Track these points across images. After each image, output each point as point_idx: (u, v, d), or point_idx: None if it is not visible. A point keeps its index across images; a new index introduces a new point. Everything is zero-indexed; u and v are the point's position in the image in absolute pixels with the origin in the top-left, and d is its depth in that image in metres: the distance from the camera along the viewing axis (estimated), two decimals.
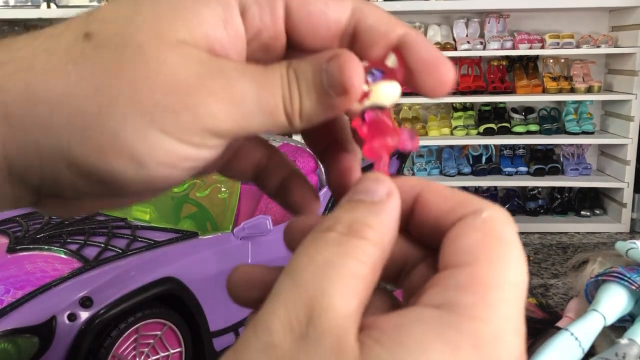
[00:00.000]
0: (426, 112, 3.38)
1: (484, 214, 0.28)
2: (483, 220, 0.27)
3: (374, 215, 0.28)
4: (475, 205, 0.28)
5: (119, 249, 1.63)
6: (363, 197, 0.29)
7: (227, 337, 1.79)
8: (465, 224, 0.28)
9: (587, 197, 3.34)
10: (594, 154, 3.44)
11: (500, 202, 3.33)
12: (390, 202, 0.29)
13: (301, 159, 2.36)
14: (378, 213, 0.28)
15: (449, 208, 0.29)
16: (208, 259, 1.70)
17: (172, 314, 1.59)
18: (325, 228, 0.28)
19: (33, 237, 1.67)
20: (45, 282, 1.42)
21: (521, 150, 3.33)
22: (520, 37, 3.08)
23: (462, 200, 0.29)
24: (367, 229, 0.27)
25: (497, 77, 3.25)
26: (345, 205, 0.29)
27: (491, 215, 0.28)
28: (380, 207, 0.28)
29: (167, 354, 1.58)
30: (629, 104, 3.05)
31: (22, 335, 1.31)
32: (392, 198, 0.29)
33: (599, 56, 3.27)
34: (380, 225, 0.28)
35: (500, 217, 0.28)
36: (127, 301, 1.46)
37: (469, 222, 0.28)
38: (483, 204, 0.28)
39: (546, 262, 2.73)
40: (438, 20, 3.27)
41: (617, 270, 1.83)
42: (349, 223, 0.27)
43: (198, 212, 1.88)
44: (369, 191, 0.29)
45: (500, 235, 0.27)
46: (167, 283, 1.56)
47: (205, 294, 1.67)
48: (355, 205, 0.29)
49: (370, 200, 0.29)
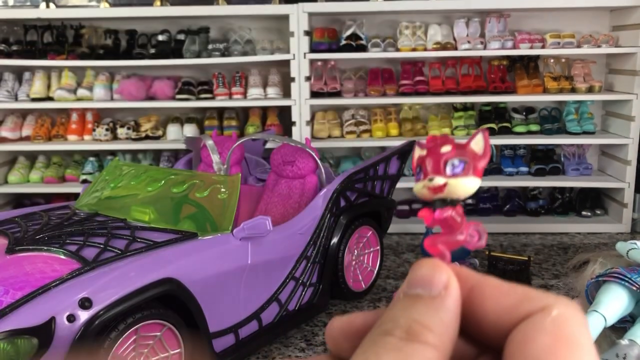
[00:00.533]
0: (427, 112, 3.38)
1: (553, 312, 0.26)
2: (552, 320, 0.25)
3: (432, 314, 0.27)
4: (541, 301, 0.26)
5: (119, 250, 1.62)
6: (420, 291, 0.28)
7: (226, 337, 1.79)
8: (532, 325, 0.26)
9: (588, 198, 3.33)
10: (594, 154, 3.43)
11: (501, 202, 3.33)
12: (449, 297, 0.27)
13: (301, 159, 2.36)
14: (437, 310, 0.27)
15: (511, 304, 0.27)
16: (208, 260, 1.70)
17: (171, 315, 1.58)
18: (383, 331, 0.27)
19: (32, 238, 1.67)
20: (45, 283, 1.42)
21: (522, 150, 3.32)
22: (521, 36, 3.08)
23: (525, 295, 0.27)
24: (427, 332, 0.26)
25: (497, 76, 3.24)
26: (404, 301, 0.28)
27: (561, 315, 0.25)
28: (439, 303, 0.27)
29: (166, 354, 1.58)
30: (629, 103, 3.05)
31: (21, 336, 1.31)
32: (451, 291, 0.28)
33: (599, 56, 3.26)
34: (440, 325, 0.26)
35: (571, 317, 0.26)
36: (127, 302, 1.45)
37: (536, 322, 0.26)
38: (549, 299, 0.26)
39: (547, 262, 2.73)
40: (438, 20, 3.26)
41: (617, 271, 1.83)
42: (408, 326, 0.26)
43: (198, 212, 1.88)
44: (427, 283, 0.28)
45: (572, 339, 0.25)
46: (167, 284, 1.55)
47: (205, 294, 1.67)
48: (414, 303, 0.27)
49: (429, 295, 0.27)
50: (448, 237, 0.30)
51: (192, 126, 3.28)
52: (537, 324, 0.25)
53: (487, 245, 2.95)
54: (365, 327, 0.29)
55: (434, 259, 0.29)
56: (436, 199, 0.30)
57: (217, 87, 3.19)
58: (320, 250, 2.10)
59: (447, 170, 0.30)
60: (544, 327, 0.25)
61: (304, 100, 3.07)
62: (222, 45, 3.14)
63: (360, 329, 0.29)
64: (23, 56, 3.19)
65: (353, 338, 0.29)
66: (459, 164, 0.30)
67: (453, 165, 0.30)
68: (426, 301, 0.27)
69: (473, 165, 0.30)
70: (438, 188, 0.30)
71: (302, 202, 2.22)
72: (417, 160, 0.31)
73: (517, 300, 0.27)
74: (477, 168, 0.30)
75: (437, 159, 0.30)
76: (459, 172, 0.30)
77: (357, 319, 0.30)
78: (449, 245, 0.30)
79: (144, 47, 3.26)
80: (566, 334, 0.25)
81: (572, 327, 0.25)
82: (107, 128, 3.23)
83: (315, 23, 3.27)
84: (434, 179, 0.30)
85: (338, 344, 0.30)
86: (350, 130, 3.19)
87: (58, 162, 3.37)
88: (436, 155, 0.30)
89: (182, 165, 2.64)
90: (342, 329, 0.30)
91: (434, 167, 0.30)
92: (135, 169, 2.10)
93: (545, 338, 0.25)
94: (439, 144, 0.30)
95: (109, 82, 3.27)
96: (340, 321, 0.30)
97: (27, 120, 3.35)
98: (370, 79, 3.24)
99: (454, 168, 0.30)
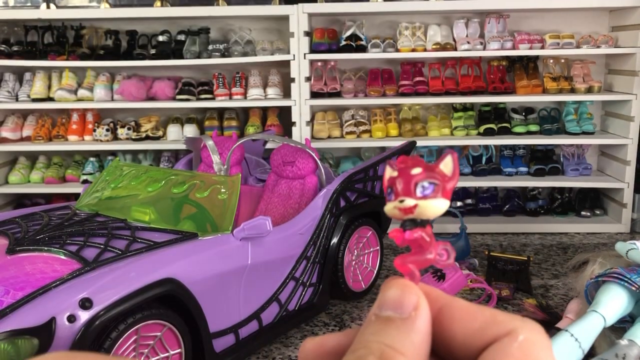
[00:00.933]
0: (426, 112, 3.38)
1: (519, 337, 0.26)
2: (519, 345, 0.26)
3: (404, 337, 0.27)
4: (508, 324, 0.27)
5: (119, 250, 1.63)
6: (391, 313, 0.28)
7: (227, 337, 1.79)
8: (499, 350, 0.26)
9: (588, 198, 3.34)
10: (594, 154, 3.44)
11: (501, 202, 3.33)
12: (419, 319, 0.28)
13: (301, 159, 2.36)
14: (408, 333, 0.27)
15: (478, 327, 0.27)
16: (208, 260, 1.70)
17: (171, 315, 1.59)
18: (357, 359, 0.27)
19: (33, 238, 1.67)
20: (45, 284, 1.42)
21: (521, 150, 3.33)
22: (521, 37, 3.08)
23: (492, 319, 0.27)
24: (399, 356, 0.26)
25: (497, 77, 3.25)
26: (375, 325, 0.28)
27: (527, 339, 0.26)
28: (410, 325, 0.28)
29: (166, 355, 1.58)
30: (629, 104, 3.05)
31: (22, 336, 1.31)
32: (420, 312, 0.28)
33: (599, 56, 3.27)
34: (411, 347, 0.27)
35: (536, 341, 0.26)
36: (127, 302, 1.46)
37: (503, 347, 0.26)
38: (516, 323, 0.27)
39: (546, 262, 2.73)
40: (438, 20, 3.27)
41: (617, 271, 1.84)
42: (380, 351, 0.27)
43: (198, 213, 1.88)
44: (397, 305, 0.28)
45: None
46: (167, 284, 1.56)
47: (205, 295, 1.67)
48: (385, 326, 0.28)
49: (400, 317, 0.28)
50: (418, 257, 0.31)
51: (193, 126, 3.28)
52: (504, 348, 0.26)
53: (487, 245, 2.95)
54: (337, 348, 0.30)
55: (404, 280, 0.30)
56: (406, 219, 0.31)
57: (217, 88, 3.19)
58: (320, 251, 2.11)
59: (417, 192, 0.30)
60: (511, 352, 0.26)
61: (304, 100, 3.07)
62: (222, 46, 3.14)
63: (332, 350, 0.30)
64: (24, 57, 3.20)
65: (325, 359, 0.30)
66: (428, 185, 0.30)
67: (423, 187, 0.30)
68: (397, 324, 0.28)
69: (442, 187, 0.31)
70: (408, 209, 0.30)
71: (302, 203, 2.22)
72: (388, 181, 0.32)
73: (484, 323, 0.27)
74: (445, 189, 0.31)
75: (408, 181, 0.31)
76: (428, 194, 0.30)
77: (329, 341, 0.30)
78: (418, 264, 0.31)
79: (144, 48, 3.26)
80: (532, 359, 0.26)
81: (538, 352, 0.26)
82: (107, 128, 3.23)
83: (315, 23, 3.27)
84: (404, 201, 0.30)
85: None
86: (350, 131, 3.20)
87: (58, 163, 3.37)
88: (407, 177, 0.31)
89: (183, 165, 2.64)
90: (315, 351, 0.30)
91: (404, 188, 0.31)
92: (136, 169, 2.10)
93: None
94: (410, 165, 0.31)
95: (109, 83, 3.28)
96: (312, 343, 0.31)
97: (28, 120, 3.35)
98: (370, 80, 3.24)
99: (424, 190, 0.30)
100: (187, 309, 1.60)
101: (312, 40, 3.12)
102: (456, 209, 3.02)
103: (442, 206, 0.31)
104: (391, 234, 0.32)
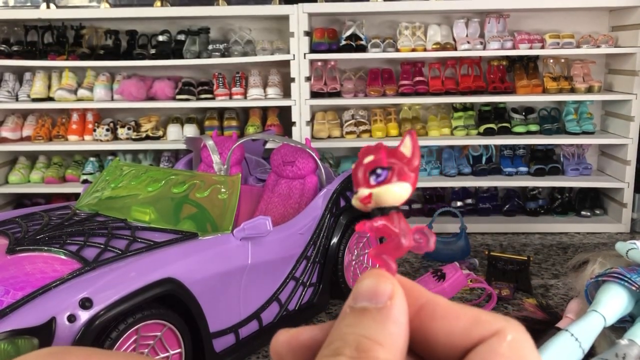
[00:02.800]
0: (426, 112, 3.38)
1: (507, 336, 0.26)
2: (508, 345, 0.26)
3: (381, 328, 0.26)
4: (493, 324, 0.26)
5: (119, 250, 1.63)
6: (366, 303, 0.27)
7: (227, 337, 1.79)
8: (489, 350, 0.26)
9: (588, 197, 3.34)
10: (594, 154, 3.44)
11: (501, 202, 3.34)
12: (395, 308, 0.27)
13: (301, 159, 2.36)
14: (384, 323, 0.27)
15: (463, 327, 0.27)
16: (208, 260, 1.70)
17: (172, 315, 1.59)
18: (333, 351, 0.26)
19: (33, 238, 1.67)
20: (45, 283, 1.42)
21: (521, 150, 3.33)
22: (521, 37, 3.08)
23: (477, 318, 0.27)
24: (377, 347, 0.26)
25: (497, 77, 3.25)
26: (350, 317, 0.27)
27: (515, 339, 0.26)
28: (386, 315, 0.27)
29: (167, 354, 1.58)
30: (629, 104, 3.05)
31: (22, 336, 1.31)
32: (396, 301, 0.27)
33: (599, 56, 3.27)
34: (389, 338, 0.26)
35: (524, 341, 0.26)
36: (127, 302, 1.46)
37: (493, 347, 0.26)
38: (501, 323, 0.27)
39: (546, 262, 2.73)
40: (438, 20, 3.27)
41: (617, 271, 1.83)
42: (357, 342, 0.26)
43: (198, 212, 1.88)
44: (372, 295, 0.27)
45: None
46: (167, 284, 1.56)
47: (205, 294, 1.67)
48: (361, 318, 0.27)
49: (375, 308, 0.27)
50: (391, 246, 0.29)
51: (193, 126, 3.28)
52: (494, 349, 0.26)
53: (487, 245, 2.95)
54: (311, 342, 0.29)
55: (378, 270, 0.29)
56: (374, 209, 0.30)
57: (217, 88, 3.19)
58: (320, 250, 2.11)
59: (371, 180, 0.29)
60: (501, 352, 0.25)
61: (304, 100, 3.07)
62: (222, 46, 3.14)
63: (306, 343, 0.29)
64: (24, 56, 3.20)
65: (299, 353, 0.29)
66: (381, 172, 0.29)
67: (376, 174, 0.29)
68: (373, 314, 0.27)
69: (398, 170, 0.29)
70: (365, 199, 0.29)
71: (302, 202, 2.22)
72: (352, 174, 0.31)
73: (469, 323, 0.27)
74: (403, 173, 0.29)
75: (363, 171, 0.30)
76: (382, 180, 0.29)
77: (303, 334, 0.29)
78: (393, 254, 0.29)
79: (144, 48, 3.26)
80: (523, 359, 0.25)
81: (527, 351, 0.26)
82: (107, 128, 3.23)
83: (315, 23, 3.27)
84: (358, 191, 0.30)
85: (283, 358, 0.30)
86: (350, 131, 3.20)
87: (59, 163, 3.37)
88: (361, 167, 0.30)
89: (183, 165, 2.64)
90: (288, 344, 0.29)
91: (361, 178, 0.30)
92: (136, 169, 2.10)
93: None
94: (365, 154, 0.30)
95: (109, 83, 3.28)
96: (285, 335, 0.30)
97: (28, 120, 3.35)
98: (370, 79, 3.24)
99: (378, 177, 0.29)
100: (187, 309, 1.60)
101: (312, 40, 3.12)
102: (456, 208, 3.01)
103: (400, 190, 0.29)
104: (358, 226, 0.31)
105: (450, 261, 2.44)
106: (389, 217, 0.29)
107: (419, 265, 2.69)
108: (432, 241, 0.30)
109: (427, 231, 0.30)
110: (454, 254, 2.65)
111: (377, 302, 0.27)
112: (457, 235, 2.71)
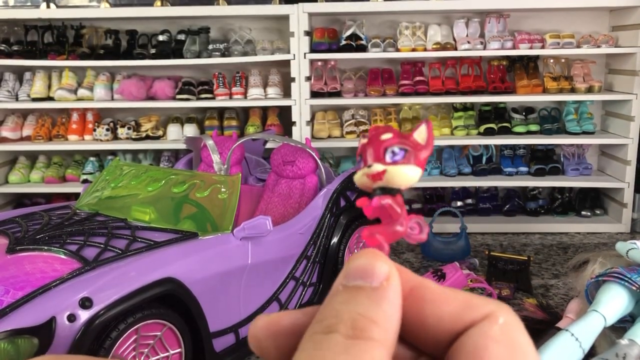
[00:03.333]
0: (427, 112, 3.38)
1: (499, 319, 0.26)
2: (500, 328, 0.25)
3: (376, 306, 0.26)
4: (484, 308, 0.26)
5: (119, 250, 1.63)
6: (361, 282, 0.26)
7: (227, 337, 1.79)
8: (481, 333, 0.25)
9: (588, 197, 3.34)
10: (594, 154, 3.44)
11: (501, 202, 3.33)
12: (391, 289, 0.26)
13: (301, 159, 2.36)
14: (380, 302, 0.26)
15: (453, 311, 0.26)
16: (208, 260, 1.70)
17: (171, 315, 1.59)
18: (326, 328, 0.25)
19: (33, 238, 1.67)
20: (45, 283, 1.42)
21: (522, 150, 3.33)
22: (521, 37, 3.08)
23: (467, 302, 0.27)
24: (372, 326, 0.25)
25: (497, 77, 3.24)
26: (344, 294, 0.26)
27: (507, 322, 0.26)
28: (381, 295, 0.26)
29: (167, 354, 1.58)
30: (629, 103, 3.05)
31: (22, 336, 1.31)
32: (392, 283, 0.26)
33: (599, 56, 3.27)
34: (384, 318, 0.26)
35: (515, 323, 0.26)
36: (127, 302, 1.46)
37: (485, 330, 0.25)
38: (492, 306, 0.26)
39: (547, 262, 2.73)
40: (438, 20, 3.26)
41: (617, 271, 1.83)
42: (352, 320, 0.25)
43: (198, 212, 1.88)
44: (368, 273, 0.26)
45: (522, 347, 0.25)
46: (167, 284, 1.56)
47: (205, 294, 1.67)
48: (355, 295, 0.26)
49: (370, 287, 0.26)
50: (387, 228, 0.29)
51: (193, 126, 3.28)
52: (486, 331, 0.25)
53: (487, 245, 2.95)
54: (293, 327, 0.28)
55: (373, 249, 0.28)
56: (376, 187, 0.29)
57: (217, 87, 3.19)
58: (321, 250, 2.11)
59: (386, 158, 0.29)
60: (493, 335, 0.25)
61: (304, 100, 3.07)
62: (222, 46, 3.14)
63: (287, 328, 0.28)
64: (24, 56, 3.20)
65: (279, 338, 0.28)
66: (399, 151, 0.29)
67: (393, 152, 0.29)
68: (368, 293, 0.26)
69: (414, 154, 0.29)
70: (377, 175, 0.29)
71: (302, 202, 2.22)
72: (359, 149, 0.30)
73: (459, 307, 0.26)
74: (418, 157, 0.29)
75: (378, 146, 0.29)
76: (398, 160, 0.29)
77: (284, 318, 0.28)
78: (387, 236, 0.29)
79: (144, 47, 3.26)
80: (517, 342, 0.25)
81: (519, 334, 0.25)
82: (107, 128, 3.23)
83: (315, 23, 3.27)
84: (372, 166, 0.29)
85: (262, 344, 0.29)
86: (350, 130, 3.20)
87: (59, 162, 3.37)
88: (377, 143, 0.29)
89: (183, 165, 2.64)
90: (268, 329, 0.28)
91: (374, 154, 0.29)
92: (136, 168, 2.10)
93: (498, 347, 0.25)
94: (381, 132, 0.29)
95: (109, 82, 3.28)
96: (265, 320, 0.29)
97: (28, 120, 3.35)
98: (370, 79, 3.24)
99: (394, 155, 0.29)
100: (187, 309, 1.60)
101: (312, 40, 3.12)
102: (456, 208, 3.01)
103: (413, 174, 0.29)
104: (359, 201, 0.30)
105: (450, 261, 2.44)
106: (396, 199, 0.29)
107: (419, 265, 2.68)
108: (425, 232, 0.29)
109: (422, 222, 0.29)
110: (454, 254, 2.65)
111: (372, 281, 0.26)
112: (457, 235, 2.70)
